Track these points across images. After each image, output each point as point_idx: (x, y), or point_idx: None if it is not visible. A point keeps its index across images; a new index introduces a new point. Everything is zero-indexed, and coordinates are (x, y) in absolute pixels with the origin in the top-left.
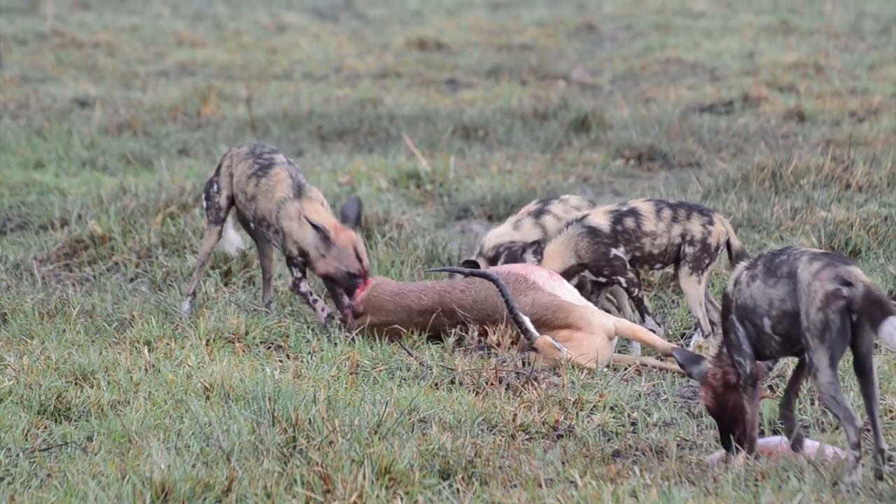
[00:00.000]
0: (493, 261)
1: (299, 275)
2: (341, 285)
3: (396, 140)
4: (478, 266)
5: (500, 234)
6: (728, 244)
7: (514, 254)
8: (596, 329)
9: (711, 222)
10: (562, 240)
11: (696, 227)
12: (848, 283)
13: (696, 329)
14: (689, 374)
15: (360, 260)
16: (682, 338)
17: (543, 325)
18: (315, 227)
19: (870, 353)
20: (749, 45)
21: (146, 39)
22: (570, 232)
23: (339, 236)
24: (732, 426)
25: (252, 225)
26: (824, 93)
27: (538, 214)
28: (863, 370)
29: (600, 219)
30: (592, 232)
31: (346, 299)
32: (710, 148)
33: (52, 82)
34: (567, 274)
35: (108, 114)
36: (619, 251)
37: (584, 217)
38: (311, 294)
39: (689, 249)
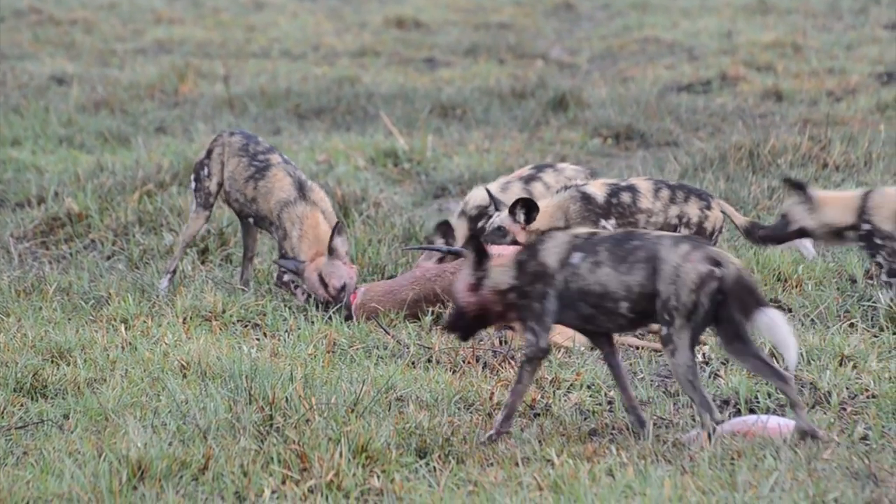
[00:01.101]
0: (475, 220)
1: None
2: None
3: (374, 119)
4: (450, 227)
5: (484, 195)
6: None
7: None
8: None
9: (709, 207)
10: (556, 201)
11: (693, 210)
12: (718, 264)
13: None
14: (293, 271)
15: (324, 284)
16: None
17: None
18: (283, 265)
19: (742, 322)
20: (727, 24)
21: (124, 17)
22: (566, 195)
23: (308, 267)
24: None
25: (243, 215)
26: (802, 72)
27: (528, 180)
28: (740, 337)
29: (597, 189)
30: (586, 198)
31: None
32: (687, 127)
33: (30, 59)
34: None
35: (85, 91)
36: (608, 223)
37: (582, 184)
38: (294, 282)
39: (684, 232)
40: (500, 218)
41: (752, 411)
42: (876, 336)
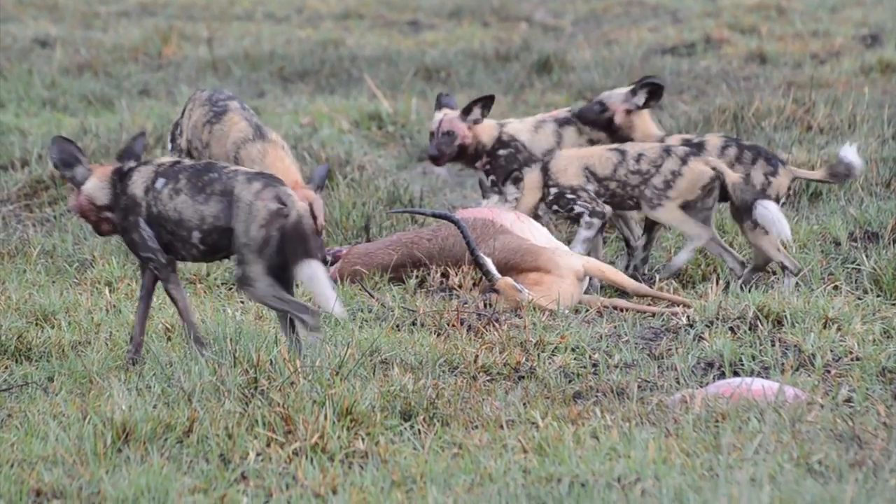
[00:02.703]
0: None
1: None
2: None
3: (358, 81)
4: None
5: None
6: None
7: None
8: (564, 271)
9: (775, 173)
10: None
11: (758, 174)
12: (285, 204)
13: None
14: (70, 180)
15: (314, 217)
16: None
17: (512, 268)
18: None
19: (289, 264)
20: None
21: None
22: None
23: (297, 193)
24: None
25: None
26: (786, 35)
27: (563, 123)
28: (285, 280)
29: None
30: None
31: None
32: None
33: (13, 22)
34: None
35: (68, 54)
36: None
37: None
38: None
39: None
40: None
41: (735, 374)
42: (860, 298)
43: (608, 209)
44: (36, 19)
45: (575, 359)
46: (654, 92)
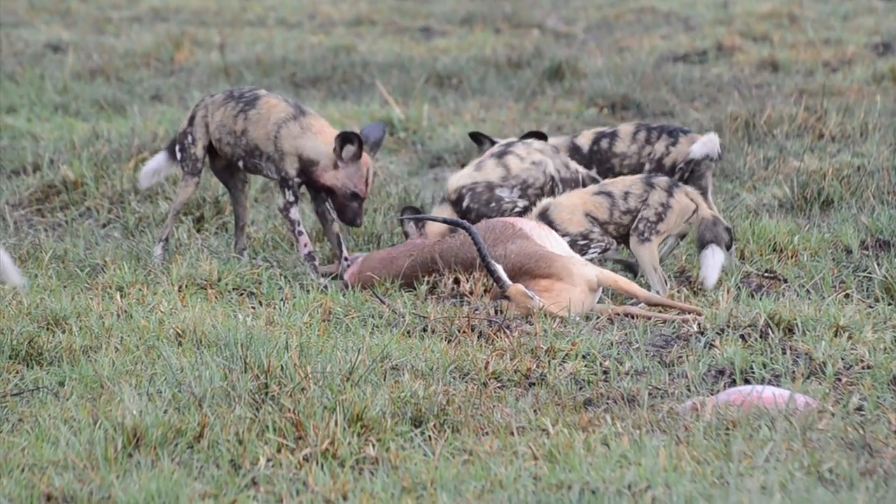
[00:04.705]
0: (456, 203)
1: (292, 198)
2: (339, 202)
3: (370, 88)
4: (418, 212)
5: (462, 176)
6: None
7: (478, 195)
8: (577, 280)
9: (675, 143)
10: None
11: (660, 147)
12: None
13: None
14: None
15: (366, 184)
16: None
17: (526, 273)
18: (347, 136)
19: None
20: None
21: None
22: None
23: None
24: None
25: (233, 164)
26: (798, 43)
27: (501, 155)
28: None
29: (584, 140)
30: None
31: (344, 250)
32: (683, 97)
33: (25, 27)
34: None
35: (80, 59)
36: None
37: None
38: (300, 224)
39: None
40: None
41: (746, 382)
42: (871, 307)
43: (614, 241)
44: (48, 24)
45: (586, 366)
46: None
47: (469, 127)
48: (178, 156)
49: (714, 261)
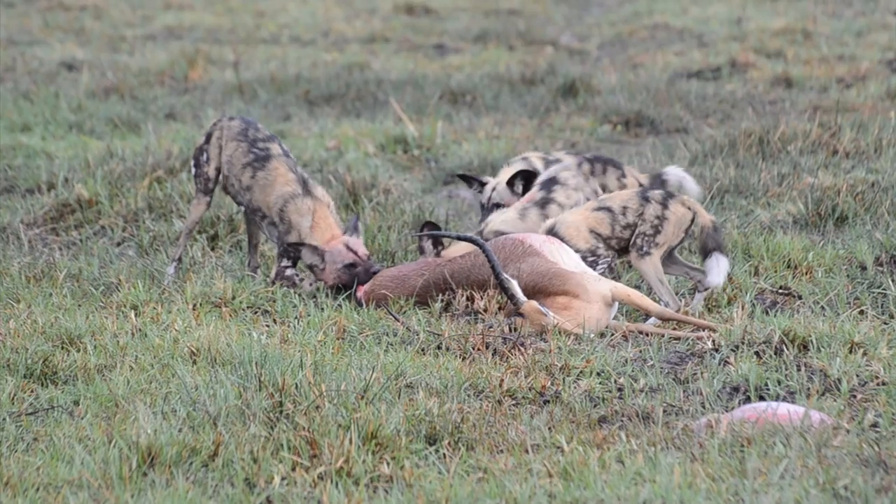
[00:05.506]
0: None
1: (288, 264)
2: (352, 284)
3: (384, 105)
4: (438, 228)
5: (505, 221)
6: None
7: None
8: (593, 296)
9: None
10: None
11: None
12: None
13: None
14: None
15: (353, 252)
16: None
17: (540, 291)
18: (300, 245)
19: None
20: (737, 10)
21: (133, 2)
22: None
23: (330, 244)
24: None
25: (236, 202)
26: (812, 59)
27: (543, 205)
28: None
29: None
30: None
31: (255, 261)
32: (697, 114)
33: (40, 45)
34: None
35: (95, 77)
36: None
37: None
38: (298, 275)
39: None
40: (498, 191)
41: (761, 398)
42: (886, 323)
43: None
44: (63, 42)
45: (600, 383)
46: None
47: (483, 144)
48: (193, 171)
49: (720, 268)
